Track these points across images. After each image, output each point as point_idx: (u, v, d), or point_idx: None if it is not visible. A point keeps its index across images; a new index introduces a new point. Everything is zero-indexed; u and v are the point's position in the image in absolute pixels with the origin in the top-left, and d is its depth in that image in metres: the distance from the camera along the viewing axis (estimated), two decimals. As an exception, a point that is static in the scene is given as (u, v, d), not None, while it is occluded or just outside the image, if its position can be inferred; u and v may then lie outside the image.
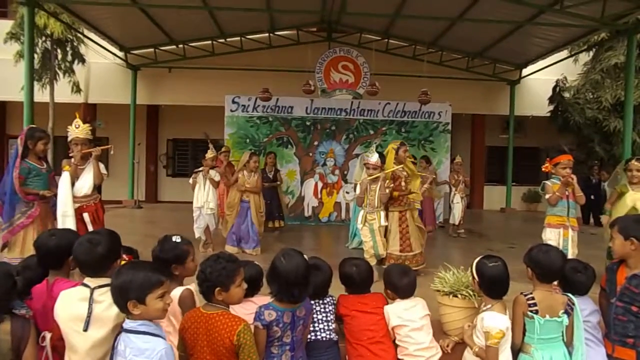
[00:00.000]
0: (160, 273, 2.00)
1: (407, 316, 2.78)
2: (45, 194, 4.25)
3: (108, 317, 2.07)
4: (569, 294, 2.73)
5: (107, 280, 2.12)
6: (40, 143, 4.27)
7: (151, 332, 1.92)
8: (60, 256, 2.44)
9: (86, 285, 2.15)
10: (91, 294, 2.11)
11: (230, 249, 6.12)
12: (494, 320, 2.51)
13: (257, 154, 6.42)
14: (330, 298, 2.86)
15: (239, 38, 11.24)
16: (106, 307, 2.08)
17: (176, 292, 2.42)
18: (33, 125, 4.63)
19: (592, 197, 9.43)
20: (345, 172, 9.81)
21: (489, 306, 2.62)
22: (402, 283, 2.88)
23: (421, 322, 2.80)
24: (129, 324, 1.94)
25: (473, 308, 2.93)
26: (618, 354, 2.60)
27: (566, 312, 2.63)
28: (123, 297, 1.91)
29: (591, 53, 11.20)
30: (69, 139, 4.50)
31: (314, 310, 2.72)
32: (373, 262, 4.59)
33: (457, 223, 8.15)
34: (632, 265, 2.58)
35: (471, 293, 2.93)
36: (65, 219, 4.29)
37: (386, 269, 3.06)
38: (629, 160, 4.79)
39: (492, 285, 2.64)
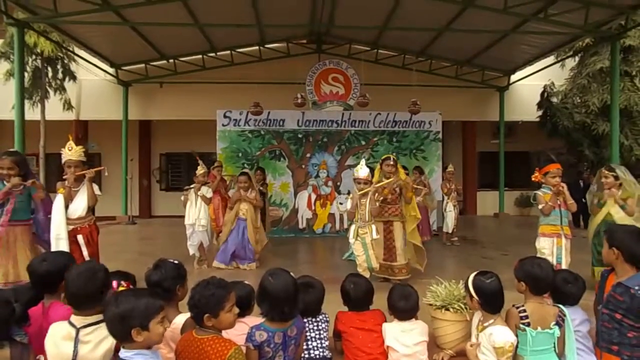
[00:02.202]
0: (159, 298, 2.02)
1: (402, 339, 2.78)
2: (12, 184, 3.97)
3: (94, 358, 2.05)
4: (560, 305, 2.77)
5: (93, 319, 2.11)
6: None
7: None
8: (52, 281, 2.43)
9: (72, 324, 2.12)
10: (77, 334, 2.09)
11: (217, 264, 6.14)
12: (504, 335, 2.54)
13: (246, 173, 6.41)
14: (323, 315, 2.86)
15: (229, 52, 11.32)
16: (92, 347, 2.07)
17: (179, 319, 2.43)
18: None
19: (583, 200, 9.51)
20: (338, 183, 9.85)
21: (491, 321, 2.64)
22: (398, 305, 2.88)
23: (415, 348, 2.77)
24: (124, 353, 1.92)
25: (465, 321, 2.96)
26: (605, 360, 2.63)
27: (557, 323, 2.66)
28: (125, 325, 1.88)
29: (577, 58, 11.37)
30: (62, 161, 4.49)
31: (307, 328, 2.73)
32: (367, 275, 4.61)
33: (450, 231, 8.20)
34: (619, 274, 2.62)
35: (462, 306, 2.96)
36: (59, 242, 4.26)
37: (390, 288, 3.05)
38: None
39: (493, 301, 2.67)
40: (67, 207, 4.39)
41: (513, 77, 12.12)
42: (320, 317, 2.83)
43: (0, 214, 4.07)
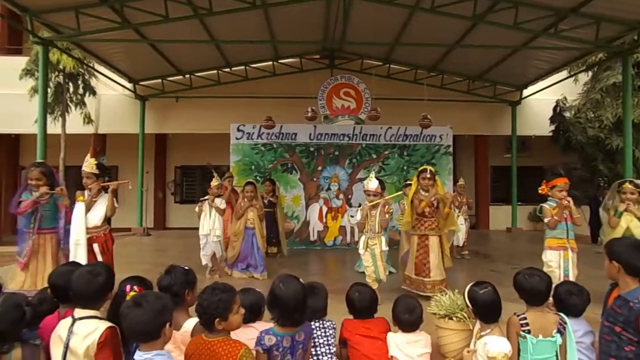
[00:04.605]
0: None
1: (407, 350, 2.84)
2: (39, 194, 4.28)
3: (80, 349, 2.17)
4: (561, 314, 2.80)
5: (92, 312, 2.26)
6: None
7: None
8: (67, 290, 2.57)
9: (73, 317, 2.27)
10: (72, 324, 2.23)
11: (237, 274, 6.34)
12: (498, 345, 2.58)
13: (252, 183, 6.53)
14: (330, 322, 2.94)
15: (243, 67, 11.59)
16: (79, 339, 2.18)
17: (190, 324, 2.54)
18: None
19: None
20: (349, 196, 9.92)
21: (487, 331, 2.69)
22: (403, 318, 2.94)
23: (418, 359, 2.84)
24: (143, 356, 2.03)
25: (468, 330, 3.01)
26: (603, 373, 2.64)
27: (559, 331, 2.70)
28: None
29: (590, 73, 11.34)
30: None
31: (315, 335, 2.82)
32: (375, 286, 4.67)
33: (461, 245, 8.19)
34: (621, 287, 2.64)
35: (466, 315, 3.01)
36: (78, 247, 4.46)
37: (395, 300, 3.12)
38: (622, 183, 4.90)
39: (487, 311, 2.73)
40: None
41: (525, 92, 12.14)
42: (328, 323, 2.92)
43: (30, 223, 4.34)
